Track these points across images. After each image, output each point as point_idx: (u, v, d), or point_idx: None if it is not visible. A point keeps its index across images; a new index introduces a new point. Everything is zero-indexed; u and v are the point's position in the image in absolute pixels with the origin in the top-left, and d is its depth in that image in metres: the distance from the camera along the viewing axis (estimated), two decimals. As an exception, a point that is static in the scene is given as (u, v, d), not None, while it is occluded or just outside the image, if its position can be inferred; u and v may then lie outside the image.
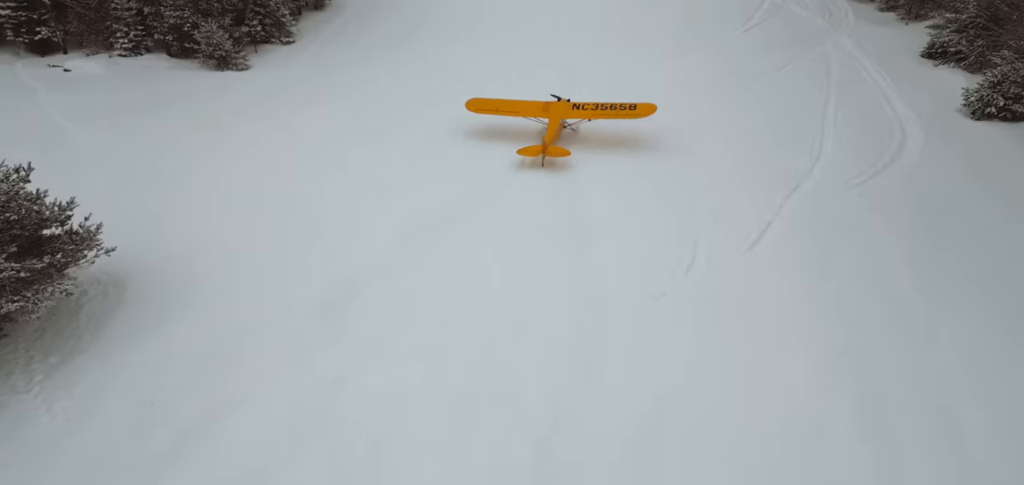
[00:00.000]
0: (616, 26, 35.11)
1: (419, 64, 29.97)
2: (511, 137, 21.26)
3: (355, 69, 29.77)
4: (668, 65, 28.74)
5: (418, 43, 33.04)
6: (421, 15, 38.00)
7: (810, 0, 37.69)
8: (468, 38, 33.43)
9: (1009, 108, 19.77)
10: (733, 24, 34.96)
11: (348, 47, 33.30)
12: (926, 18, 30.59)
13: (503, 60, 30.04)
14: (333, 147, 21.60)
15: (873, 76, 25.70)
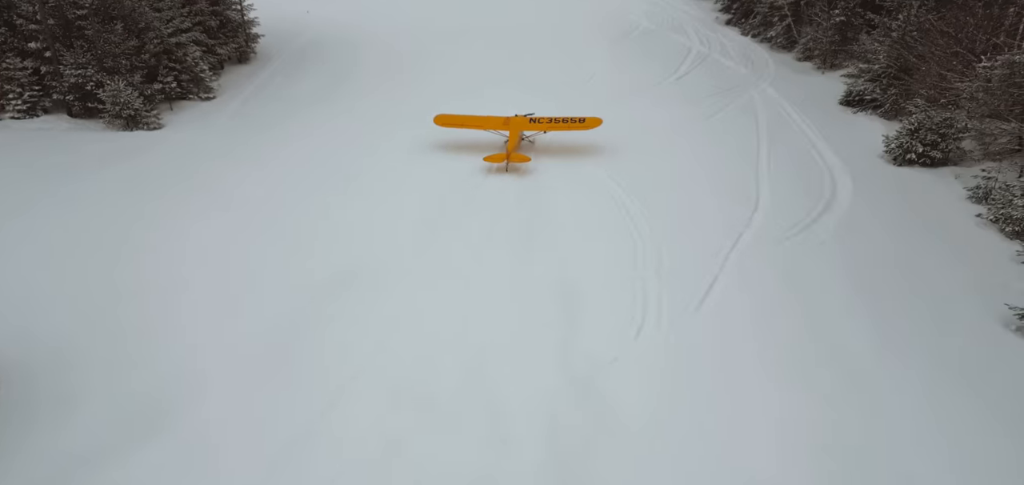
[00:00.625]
0: (545, 74, 35.29)
1: (346, 116, 28.61)
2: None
3: (281, 123, 28.06)
4: (606, 115, 28.76)
5: (346, 95, 31.73)
6: (348, 67, 36.77)
7: (733, 50, 39.55)
8: (396, 90, 32.47)
9: (928, 154, 20.71)
10: (664, 74, 35.94)
11: (274, 101, 31.53)
12: (841, 67, 32.44)
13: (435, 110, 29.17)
14: (263, 208, 19.96)
15: (799, 124, 26.66)
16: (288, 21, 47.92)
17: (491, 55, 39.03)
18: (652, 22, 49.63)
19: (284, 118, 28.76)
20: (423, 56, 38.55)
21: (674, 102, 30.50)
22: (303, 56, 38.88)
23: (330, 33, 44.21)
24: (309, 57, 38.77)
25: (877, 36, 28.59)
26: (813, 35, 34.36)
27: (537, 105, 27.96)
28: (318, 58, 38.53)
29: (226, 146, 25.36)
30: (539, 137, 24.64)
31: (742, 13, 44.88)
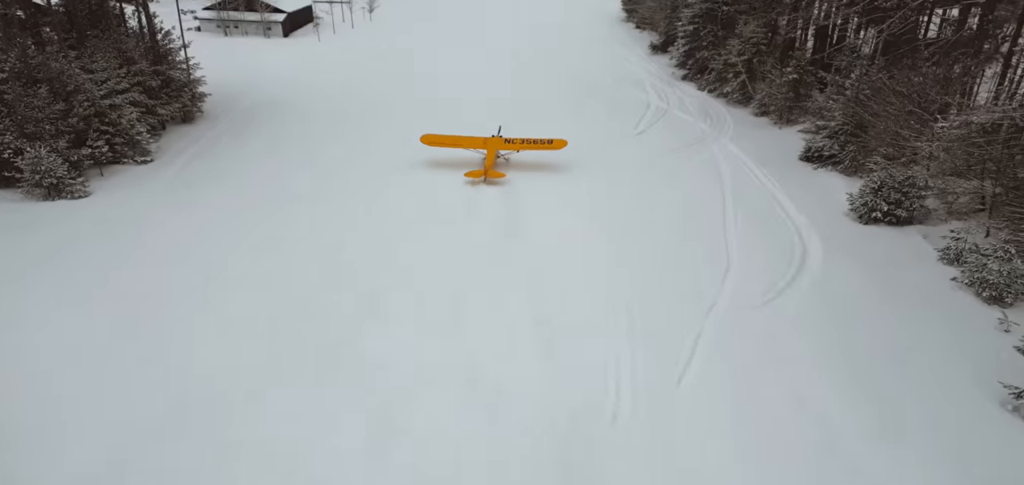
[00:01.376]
0: (506, 123, 34.64)
1: (293, 180, 26.83)
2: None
3: (223, 184, 26.15)
4: (570, 173, 28.10)
5: (294, 154, 30.12)
6: (301, 123, 35.17)
7: (691, 105, 40.07)
8: (350, 149, 31.05)
9: (893, 213, 20.55)
10: (625, 129, 35.85)
11: (220, 160, 29.59)
12: (796, 123, 32.97)
13: (390, 182, 27.78)
14: (138, 306, 17.49)
15: (761, 180, 26.51)
16: (240, 78, 46.46)
17: (453, 113, 38.31)
18: (612, 77, 50.31)
19: (224, 180, 26.87)
20: (380, 115, 37.41)
21: (637, 160, 30.12)
22: (253, 114, 37.16)
23: (283, 91, 42.72)
24: (259, 115, 37.06)
25: (830, 93, 29.17)
26: (767, 91, 35.00)
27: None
28: (269, 116, 36.85)
29: (147, 216, 23.02)
30: (512, 156, 28.33)
31: (697, 69, 45.89)
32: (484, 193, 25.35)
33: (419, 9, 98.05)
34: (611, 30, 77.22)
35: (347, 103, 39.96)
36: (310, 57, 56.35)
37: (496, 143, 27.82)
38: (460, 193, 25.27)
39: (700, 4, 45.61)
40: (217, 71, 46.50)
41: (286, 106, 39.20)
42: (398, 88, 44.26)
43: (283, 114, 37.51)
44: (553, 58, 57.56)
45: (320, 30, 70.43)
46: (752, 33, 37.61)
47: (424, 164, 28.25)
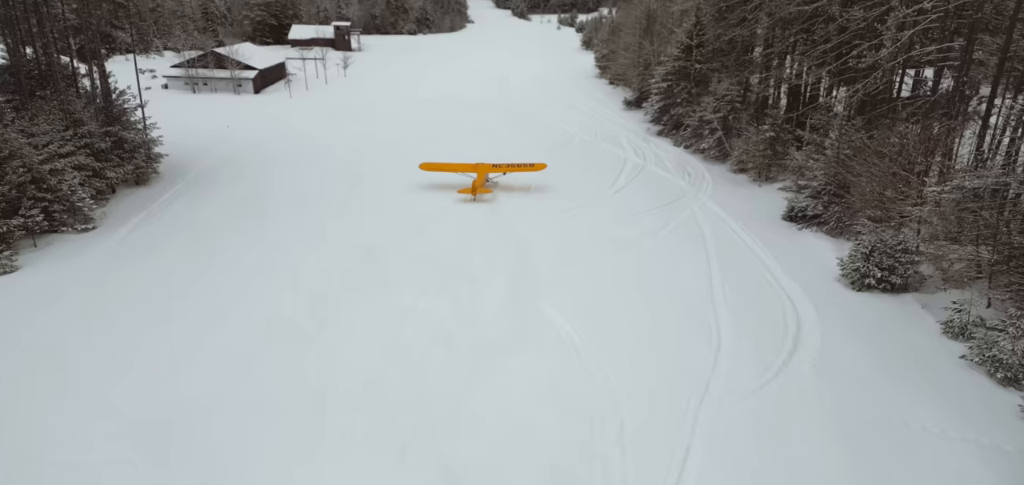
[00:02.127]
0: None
1: (247, 251, 24.75)
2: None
3: (167, 254, 23.97)
4: (548, 231, 26.72)
5: (254, 218, 28.23)
6: (269, 184, 33.57)
7: (668, 161, 39.57)
8: (312, 220, 29.26)
9: (887, 280, 19.51)
10: (602, 186, 34.93)
11: (170, 225, 27.48)
12: (776, 180, 32.45)
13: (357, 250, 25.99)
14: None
15: (746, 241, 25.49)
16: (204, 136, 44.70)
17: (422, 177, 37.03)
18: (587, 133, 49.99)
19: (169, 248, 24.74)
20: (347, 178, 35.79)
21: (616, 220, 28.99)
22: (214, 175, 35.25)
23: (248, 150, 41.02)
24: (220, 175, 35.19)
25: (809, 152, 28.73)
26: (745, 148, 34.62)
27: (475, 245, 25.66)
28: (230, 176, 35.01)
29: (64, 298, 20.59)
30: (500, 178, 32.17)
31: (672, 125, 45.81)
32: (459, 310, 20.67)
33: (394, 67, 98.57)
34: (585, 85, 78.15)
35: (313, 164, 38.35)
36: (279, 115, 55.01)
37: (485, 167, 32.03)
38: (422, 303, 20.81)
39: (673, 62, 45.97)
40: (181, 129, 44.92)
41: (249, 166, 37.43)
42: (369, 148, 42.95)
43: (245, 175, 35.68)
44: (527, 114, 57.33)
45: (292, 87, 69.49)
46: (726, 91, 37.57)
47: (388, 252, 24.57)
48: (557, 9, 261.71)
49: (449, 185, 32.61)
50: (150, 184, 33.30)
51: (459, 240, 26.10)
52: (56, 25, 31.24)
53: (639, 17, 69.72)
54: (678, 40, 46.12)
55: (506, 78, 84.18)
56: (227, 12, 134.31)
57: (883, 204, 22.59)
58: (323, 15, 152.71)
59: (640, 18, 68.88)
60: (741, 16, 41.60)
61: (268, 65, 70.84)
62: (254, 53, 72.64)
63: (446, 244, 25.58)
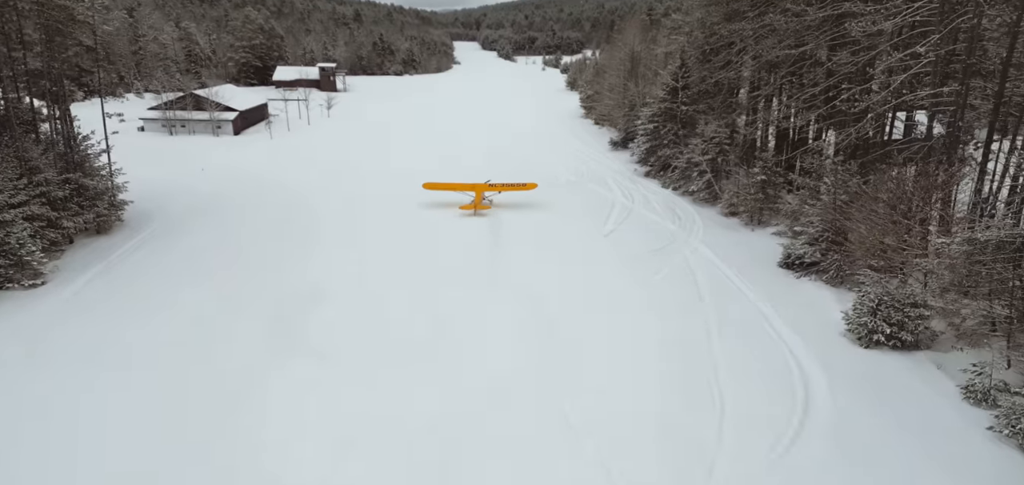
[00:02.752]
0: (466, 233, 32.06)
1: (206, 304, 22.93)
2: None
3: (119, 314, 21.94)
4: (536, 283, 25.24)
5: (219, 268, 26.41)
6: (236, 231, 31.77)
7: (657, 203, 38.65)
8: (288, 265, 27.57)
9: (897, 337, 18.25)
10: (591, 229, 33.75)
11: (128, 279, 25.51)
12: (769, 224, 31.51)
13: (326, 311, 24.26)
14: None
15: (743, 290, 24.25)
16: (176, 181, 42.97)
17: (405, 222, 35.59)
18: (574, 174, 49.14)
19: (122, 306, 22.77)
20: (321, 225, 34.17)
21: (606, 265, 27.69)
22: (181, 222, 33.43)
23: (221, 194, 39.33)
24: (189, 222, 33.40)
25: (803, 197, 27.86)
26: (735, 191, 33.77)
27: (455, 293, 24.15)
28: (200, 222, 33.24)
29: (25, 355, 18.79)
30: (496, 196, 36.13)
31: (660, 166, 45.14)
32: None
33: (377, 107, 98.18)
34: (570, 126, 78.06)
35: (288, 208, 36.75)
36: (257, 157, 53.56)
37: (481, 186, 35.94)
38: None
39: (659, 104, 45.62)
40: (152, 174, 43.24)
41: (219, 212, 35.70)
42: (347, 192, 41.53)
43: (214, 221, 33.93)
44: (512, 154, 56.56)
45: (273, 128, 68.26)
46: (714, 133, 36.98)
47: (352, 329, 21.56)
48: (542, 51, 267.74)
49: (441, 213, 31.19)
50: (112, 233, 31.37)
51: (438, 295, 24.53)
52: (16, 68, 29.70)
53: (623, 59, 70.18)
54: (664, 82, 45.90)
55: (490, 118, 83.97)
56: (212, 54, 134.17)
57: (884, 252, 21.56)
58: (309, 57, 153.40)
59: (624, 60, 69.31)
60: (726, 59, 41.48)
61: (249, 106, 69.74)
62: (235, 94, 71.57)
63: (409, 321, 23.54)
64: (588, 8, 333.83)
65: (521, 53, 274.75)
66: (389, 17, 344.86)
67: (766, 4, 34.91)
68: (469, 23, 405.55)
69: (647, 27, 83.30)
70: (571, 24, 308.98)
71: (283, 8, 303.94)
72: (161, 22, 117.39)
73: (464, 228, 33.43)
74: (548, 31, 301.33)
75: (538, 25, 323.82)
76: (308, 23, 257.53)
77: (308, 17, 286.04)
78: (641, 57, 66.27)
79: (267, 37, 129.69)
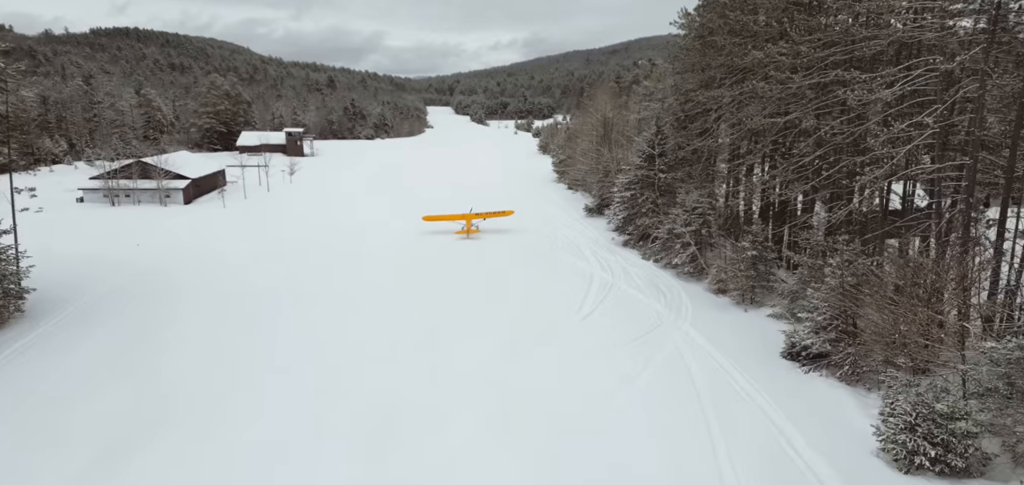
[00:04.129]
0: (427, 309, 28.32)
1: (107, 421, 18.46)
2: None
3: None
4: (500, 388, 21.49)
5: (128, 370, 21.91)
6: (160, 324, 26.95)
7: (638, 278, 35.71)
8: (218, 372, 23.26)
9: (943, 460, 15.03)
10: (567, 309, 30.40)
11: (10, 385, 20.86)
12: (763, 304, 28.69)
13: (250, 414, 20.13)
14: None
15: (747, 391, 20.92)
16: (104, 260, 38.33)
17: (365, 306, 31.68)
18: (547, 241, 46.16)
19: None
20: (265, 311, 30.09)
21: (586, 357, 24.18)
22: (96, 312, 28.80)
23: (151, 275, 34.82)
24: (104, 311, 28.83)
25: (802, 276, 25.19)
26: (723, 266, 31.08)
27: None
28: (116, 313, 28.59)
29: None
30: (481, 223, 46.62)
31: (639, 236, 42.60)
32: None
33: (345, 172, 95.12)
34: (543, 190, 76.08)
35: (226, 293, 32.45)
36: (204, 229, 49.24)
37: (470, 216, 46.98)
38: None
39: (635, 171, 43.60)
40: (77, 252, 38.69)
41: (145, 298, 31.21)
42: (301, 270, 37.56)
43: (140, 309, 29.45)
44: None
45: (229, 196, 64.15)
46: (696, 203, 34.65)
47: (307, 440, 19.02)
48: (514, 115, 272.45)
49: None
50: (8, 326, 26.60)
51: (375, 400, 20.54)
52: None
53: (595, 124, 69.21)
54: (639, 149, 44.06)
55: (460, 180, 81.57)
56: (175, 120, 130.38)
57: (902, 341, 18.69)
58: (278, 121, 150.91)
59: (596, 125, 68.28)
60: (703, 126, 39.90)
61: (203, 173, 65.73)
62: (187, 162, 67.61)
63: (350, 435, 19.85)
64: (558, 76, 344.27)
65: (494, 118, 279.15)
66: (363, 83, 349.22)
67: (743, 72, 33.52)
68: (443, 89, 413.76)
69: (617, 93, 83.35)
70: (542, 91, 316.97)
71: (255, 75, 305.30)
72: (119, 88, 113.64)
73: (416, 316, 29.68)
74: (520, 97, 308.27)
75: (510, 91, 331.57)
76: (280, 89, 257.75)
77: (280, 83, 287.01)
78: (613, 123, 65.26)
79: (233, 103, 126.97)
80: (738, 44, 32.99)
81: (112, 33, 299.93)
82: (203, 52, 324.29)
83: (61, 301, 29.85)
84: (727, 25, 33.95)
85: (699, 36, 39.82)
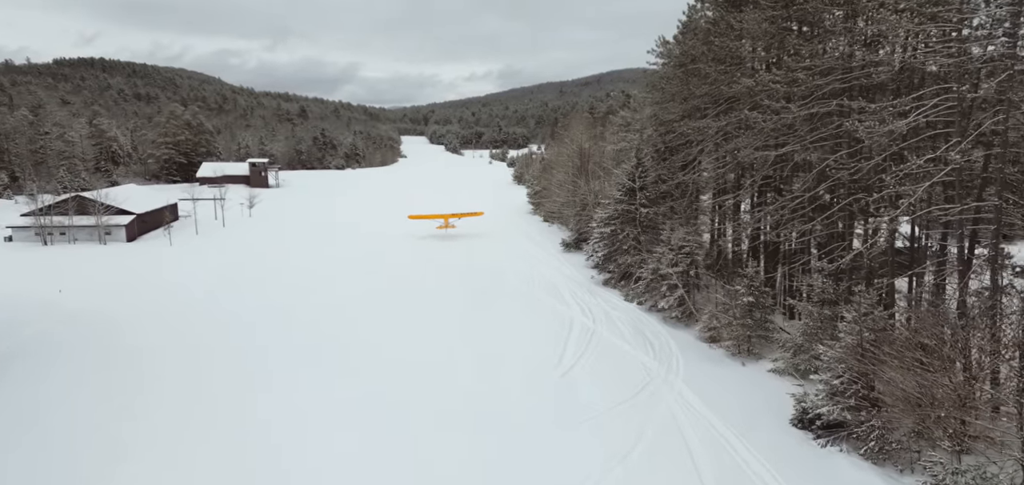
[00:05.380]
0: (368, 356, 24.60)
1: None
2: None
3: None
4: (464, 472, 17.88)
5: (32, 450, 17.66)
6: (44, 410, 21.95)
7: (622, 324, 32.59)
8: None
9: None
10: (544, 363, 27.00)
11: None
12: (762, 357, 25.79)
13: None
14: None
15: (758, 471, 17.80)
16: (15, 310, 33.60)
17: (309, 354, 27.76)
18: (522, 280, 42.84)
19: None
20: (199, 371, 26.00)
21: (567, 431, 20.74)
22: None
23: (64, 329, 30.27)
24: (11, 368, 24.33)
25: (808, 327, 22.38)
26: (714, 313, 28.20)
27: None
28: (28, 366, 24.19)
29: None
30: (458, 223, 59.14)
31: (621, 275, 39.71)
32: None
33: (309, 205, 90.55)
34: (518, 223, 73.09)
35: (144, 349, 28.20)
36: (143, 271, 44.54)
37: (447, 215, 59.16)
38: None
39: (615, 205, 40.95)
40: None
41: (46, 359, 26.74)
42: (250, 319, 33.44)
43: (28, 377, 24.96)
44: (452, 252, 50.21)
45: (180, 232, 59.36)
46: (683, 241, 31.92)
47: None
48: (489, 145, 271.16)
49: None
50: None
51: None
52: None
53: (571, 155, 66.90)
54: (619, 181, 41.50)
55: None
56: (133, 150, 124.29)
57: (936, 413, 15.86)
58: (244, 152, 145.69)
59: (572, 156, 65.96)
60: (686, 158, 37.58)
61: (151, 208, 60.86)
62: (132, 195, 62.73)
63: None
64: (532, 106, 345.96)
65: (468, 147, 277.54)
66: (336, 113, 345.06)
67: (730, 101, 31.29)
68: (417, 119, 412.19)
69: (592, 124, 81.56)
70: (516, 121, 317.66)
71: (224, 105, 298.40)
72: (69, 119, 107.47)
73: (367, 388, 25.97)
74: (494, 126, 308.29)
75: (485, 121, 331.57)
76: (249, 119, 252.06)
77: (250, 113, 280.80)
78: (590, 154, 63.01)
79: (194, 133, 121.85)
80: (724, 71, 30.82)
81: (76, 64, 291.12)
82: (171, 82, 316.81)
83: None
84: (712, 52, 31.82)
85: (680, 64, 37.78)
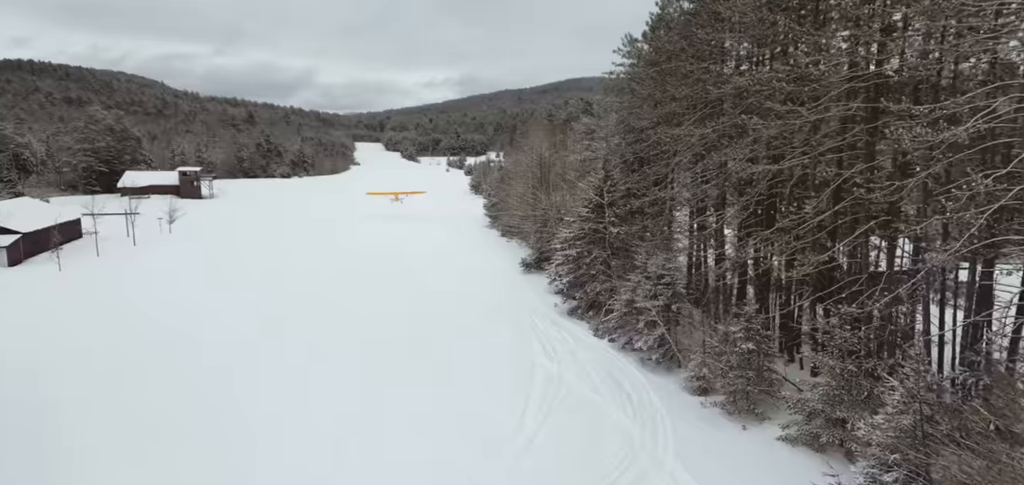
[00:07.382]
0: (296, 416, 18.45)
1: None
2: None
3: None
4: None
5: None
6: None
7: (592, 368, 27.36)
8: None
9: None
10: (502, 430, 21.44)
11: None
12: (768, 418, 20.94)
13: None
14: None
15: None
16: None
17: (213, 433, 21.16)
18: (475, 307, 37.28)
19: None
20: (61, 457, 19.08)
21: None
22: None
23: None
24: None
25: (834, 390, 17.60)
26: (703, 358, 23.33)
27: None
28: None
29: None
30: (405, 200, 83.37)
31: (589, 304, 34.62)
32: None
33: (244, 216, 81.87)
34: (474, 238, 67.31)
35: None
36: (6, 307, 36.44)
37: (398, 193, 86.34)
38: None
39: (581, 223, 35.89)
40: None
41: None
42: (143, 364, 26.36)
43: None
44: (395, 270, 43.95)
45: (76, 253, 50.68)
46: (663, 269, 26.98)
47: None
48: (446, 152, 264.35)
49: None
50: None
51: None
52: None
53: (531, 165, 61.79)
54: (585, 196, 36.48)
55: (376, 230, 71.44)
56: (47, 158, 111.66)
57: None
58: (178, 159, 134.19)
59: (532, 166, 60.85)
60: (660, 173, 32.92)
61: (43, 226, 51.83)
62: (22, 209, 53.60)
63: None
64: (491, 114, 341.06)
65: (425, 154, 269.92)
66: (286, 118, 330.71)
67: (714, 104, 26.69)
68: (373, 125, 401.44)
69: (552, 131, 76.91)
70: (475, 128, 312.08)
71: (164, 110, 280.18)
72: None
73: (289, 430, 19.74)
74: (452, 133, 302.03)
75: (442, 128, 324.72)
76: (190, 125, 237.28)
77: (192, 118, 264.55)
78: (552, 164, 58.07)
79: (117, 138, 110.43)
80: (707, 69, 26.19)
81: (1, 65, 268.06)
82: (107, 86, 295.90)
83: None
84: (693, 48, 27.15)
85: (652, 63, 33.14)
